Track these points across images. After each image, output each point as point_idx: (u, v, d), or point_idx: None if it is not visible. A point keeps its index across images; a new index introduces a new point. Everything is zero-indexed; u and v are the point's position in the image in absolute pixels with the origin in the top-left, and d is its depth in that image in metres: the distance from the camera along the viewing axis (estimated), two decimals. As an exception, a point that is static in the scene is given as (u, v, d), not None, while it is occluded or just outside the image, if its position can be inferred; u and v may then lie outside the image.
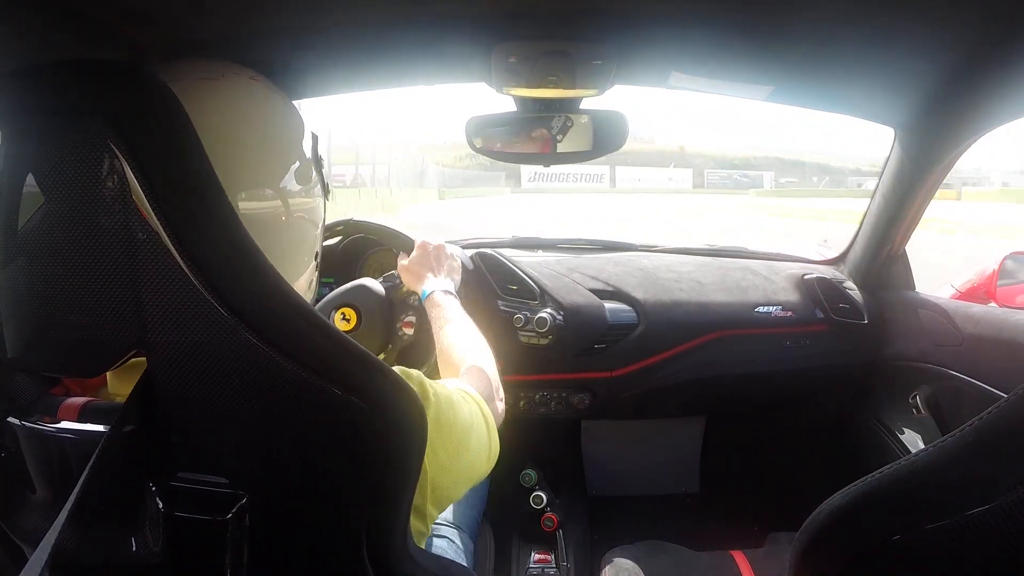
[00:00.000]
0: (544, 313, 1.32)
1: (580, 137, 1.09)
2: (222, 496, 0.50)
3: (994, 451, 0.34)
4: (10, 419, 0.55)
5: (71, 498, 0.47)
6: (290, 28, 0.89)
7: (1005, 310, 1.17)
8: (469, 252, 1.44)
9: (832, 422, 1.59)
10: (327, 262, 1.30)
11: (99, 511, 0.51)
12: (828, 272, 1.50)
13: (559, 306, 1.34)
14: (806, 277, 1.49)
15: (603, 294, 1.40)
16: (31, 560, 0.44)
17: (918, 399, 1.25)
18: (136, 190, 0.45)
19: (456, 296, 0.97)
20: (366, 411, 0.50)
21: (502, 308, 1.38)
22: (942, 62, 0.93)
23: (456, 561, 0.72)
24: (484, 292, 1.40)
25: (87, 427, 0.53)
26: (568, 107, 1.07)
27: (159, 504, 0.50)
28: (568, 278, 1.41)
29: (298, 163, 0.62)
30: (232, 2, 0.80)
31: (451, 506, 1.09)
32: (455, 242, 1.52)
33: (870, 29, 0.87)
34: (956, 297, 2.20)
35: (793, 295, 1.47)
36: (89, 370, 0.52)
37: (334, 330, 0.52)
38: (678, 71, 1.05)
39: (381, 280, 1.14)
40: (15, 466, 0.56)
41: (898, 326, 1.38)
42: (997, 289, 2.00)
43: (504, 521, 1.44)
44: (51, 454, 0.55)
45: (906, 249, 1.41)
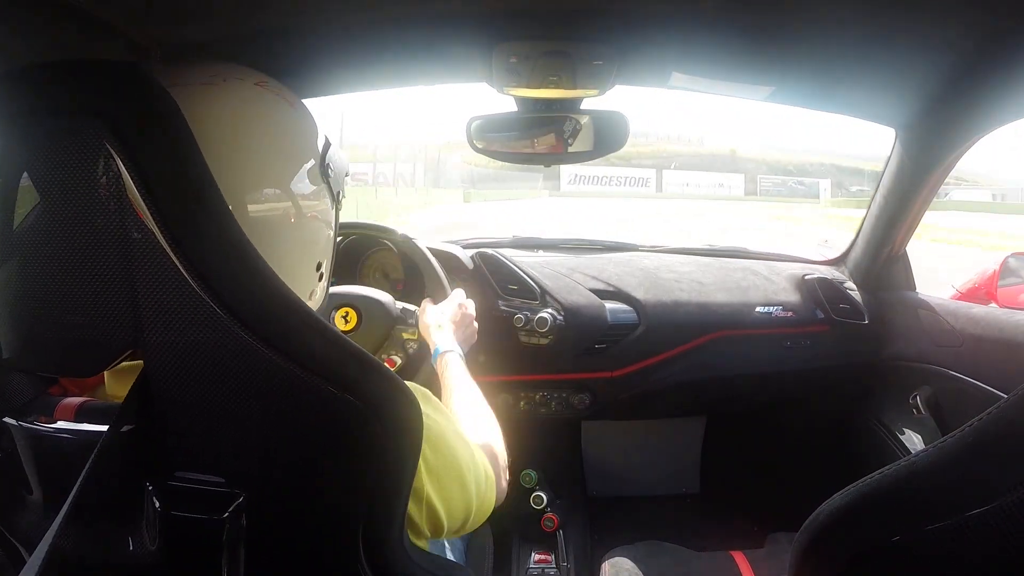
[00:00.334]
0: (545, 313, 1.32)
1: (582, 138, 1.09)
2: (219, 495, 0.50)
3: (994, 452, 0.34)
4: (6, 419, 0.54)
5: (69, 498, 0.47)
6: (292, 28, 0.89)
7: (1006, 311, 1.17)
8: (469, 252, 1.44)
9: (833, 422, 1.59)
10: None
11: (97, 511, 0.51)
12: (829, 272, 1.50)
13: (560, 306, 1.34)
14: (807, 277, 1.49)
15: (604, 294, 1.40)
16: (30, 561, 0.44)
17: (918, 399, 1.25)
18: (132, 191, 0.45)
19: (463, 360, 0.95)
20: (362, 410, 0.50)
21: (503, 308, 1.38)
22: (943, 62, 0.93)
23: (454, 561, 0.72)
24: (485, 292, 1.40)
25: (84, 427, 0.53)
26: (569, 107, 1.07)
27: (156, 504, 0.50)
28: (569, 278, 1.41)
29: (301, 172, 0.61)
30: (234, 2, 0.80)
31: None
32: (456, 242, 1.52)
33: (871, 29, 0.87)
34: (957, 297, 2.20)
35: (794, 295, 1.47)
36: (86, 370, 0.52)
37: (330, 329, 0.51)
38: (679, 71, 1.05)
39: (400, 310, 1.12)
40: (12, 467, 0.56)
41: (899, 326, 1.38)
42: (998, 289, 2.00)
43: (504, 521, 1.44)
44: (48, 454, 0.55)
45: (907, 250, 1.41)
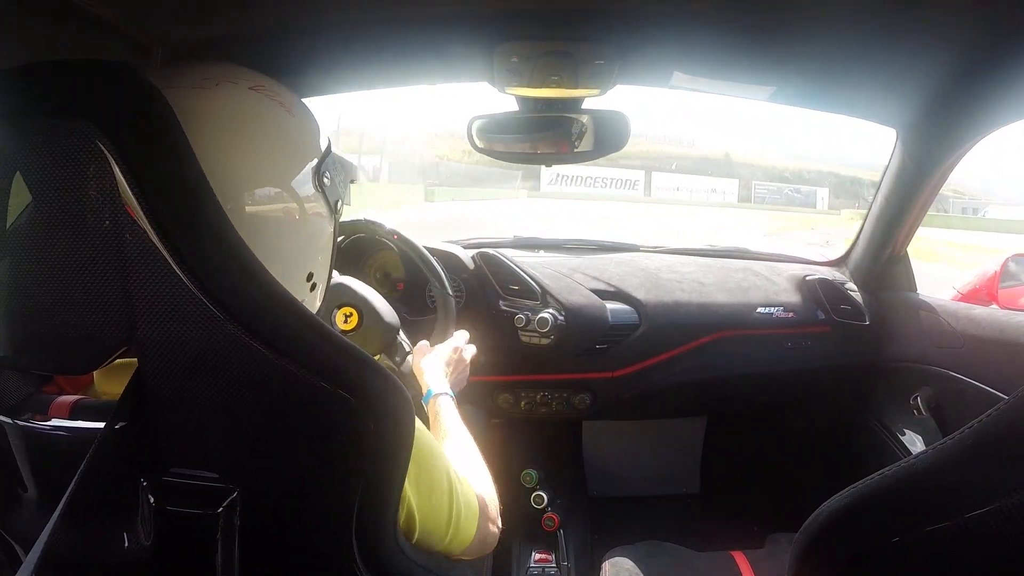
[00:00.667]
0: (546, 313, 1.32)
1: (584, 138, 1.09)
2: (213, 491, 0.51)
3: (994, 454, 0.34)
4: (1, 418, 0.55)
5: (65, 496, 0.47)
6: (293, 27, 0.89)
7: (1007, 312, 1.17)
8: (470, 252, 1.44)
9: (833, 423, 1.59)
10: None
11: (92, 508, 0.52)
12: (830, 273, 1.50)
13: (561, 306, 1.34)
14: (808, 278, 1.48)
15: (605, 294, 1.40)
16: (27, 559, 0.44)
17: (919, 400, 1.25)
18: (125, 191, 0.45)
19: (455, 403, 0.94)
20: (354, 405, 0.50)
21: (503, 308, 1.38)
22: (944, 63, 0.93)
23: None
24: (486, 292, 1.40)
25: (79, 424, 0.53)
26: (570, 107, 1.07)
27: (151, 500, 0.51)
28: (570, 278, 1.41)
29: (293, 178, 0.59)
30: (235, 2, 0.80)
31: None
32: (456, 242, 1.52)
33: (872, 30, 0.87)
34: (957, 299, 2.20)
35: (794, 296, 1.47)
36: (80, 368, 0.52)
37: (323, 325, 0.52)
38: (680, 71, 1.05)
39: (399, 342, 1.07)
40: (7, 465, 0.56)
41: (899, 327, 1.38)
42: (999, 291, 2.00)
43: (504, 521, 1.44)
44: (43, 452, 0.55)
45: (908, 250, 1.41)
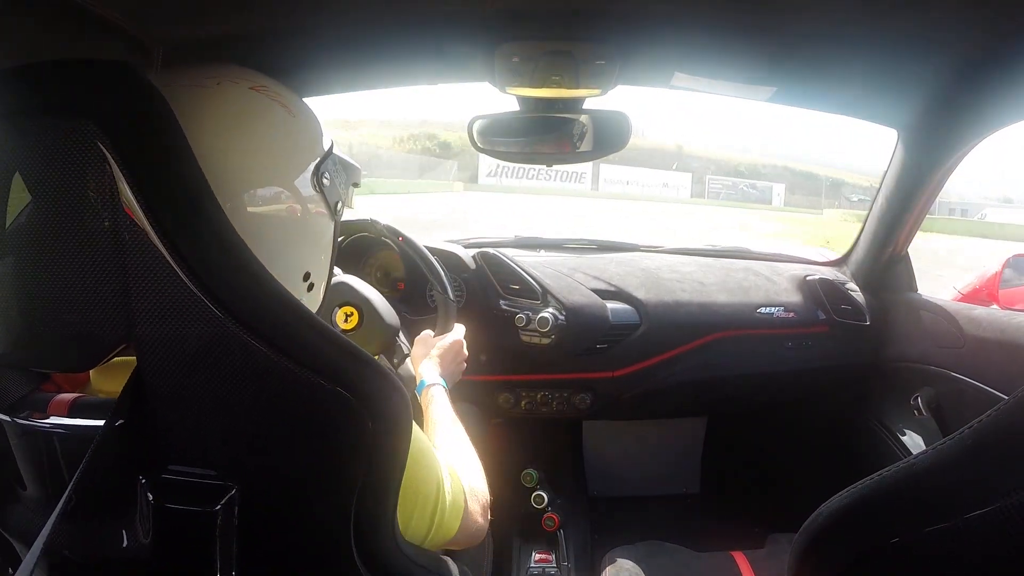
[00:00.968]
0: (546, 313, 1.32)
1: (586, 137, 1.09)
2: (211, 488, 0.51)
3: (993, 454, 0.34)
4: (0, 416, 0.55)
5: (65, 494, 0.47)
6: (294, 27, 0.89)
7: (1008, 312, 1.17)
8: (471, 252, 1.44)
9: (833, 423, 1.59)
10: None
11: (92, 506, 0.52)
12: (830, 273, 1.49)
13: (561, 306, 1.34)
14: (808, 278, 1.48)
15: (605, 294, 1.40)
16: (27, 557, 0.44)
17: (920, 401, 1.25)
18: (124, 191, 0.45)
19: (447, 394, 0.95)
20: (353, 403, 0.50)
21: (504, 308, 1.38)
22: (945, 64, 0.93)
23: (445, 557, 0.72)
24: (486, 292, 1.40)
25: (78, 422, 0.53)
26: (571, 107, 1.07)
27: (150, 497, 0.51)
28: (570, 278, 1.41)
29: (290, 179, 0.59)
30: (237, 2, 0.80)
31: None
32: (457, 241, 1.52)
33: (873, 31, 0.87)
34: (958, 299, 2.20)
35: (795, 296, 1.47)
36: (79, 365, 0.52)
37: (323, 324, 0.52)
38: (681, 72, 1.05)
39: (398, 343, 1.08)
40: (6, 463, 0.56)
41: (900, 328, 1.38)
42: (1000, 291, 2.00)
43: (504, 520, 1.44)
44: (42, 450, 0.55)
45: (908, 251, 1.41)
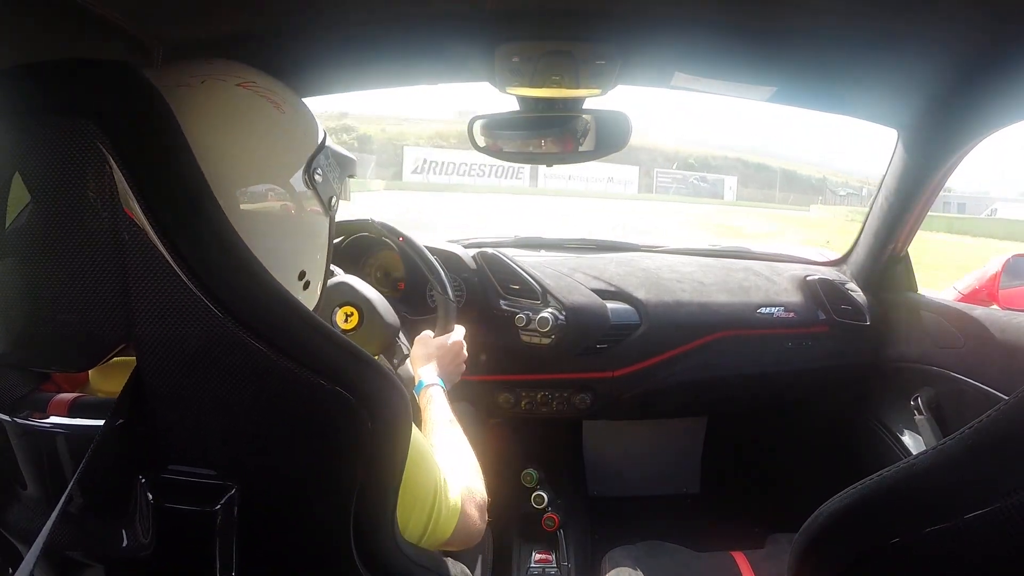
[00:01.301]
0: (546, 313, 1.32)
1: (588, 137, 1.09)
2: (211, 488, 0.51)
3: (993, 454, 0.34)
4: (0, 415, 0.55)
5: (65, 493, 0.47)
6: (294, 27, 0.89)
7: (1008, 312, 1.17)
8: (471, 252, 1.44)
9: (833, 423, 1.59)
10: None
11: (91, 505, 0.52)
12: (830, 273, 1.49)
13: (561, 306, 1.34)
14: (808, 278, 1.48)
15: (605, 294, 1.40)
16: (27, 556, 0.44)
17: (920, 401, 1.24)
18: (124, 190, 0.45)
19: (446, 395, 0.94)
20: (353, 403, 0.50)
21: (504, 308, 1.38)
22: (946, 64, 0.93)
23: (445, 556, 0.72)
24: (486, 292, 1.40)
25: (77, 422, 0.53)
26: (571, 106, 1.07)
27: (149, 497, 0.51)
28: (570, 278, 1.41)
29: (281, 175, 0.58)
30: (236, 1, 0.80)
31: None
32: (457, 241, 1.52)
33: (874, 31, 0.87)
34: (958, 299, 2.20)
35: (795, 296, 1.47)
36: (78, 364, 0.52)
37: (323, 324, 0.52)
38: (681, 71, 1.05)
39: (398, 344, 1.08)
40: (5, 462, 0.56)
41: (900, 328, 1.38)
42: (1000, 291, 1.99)
43: (504, 520, 1.44)
44: (42, 450, 0.55)
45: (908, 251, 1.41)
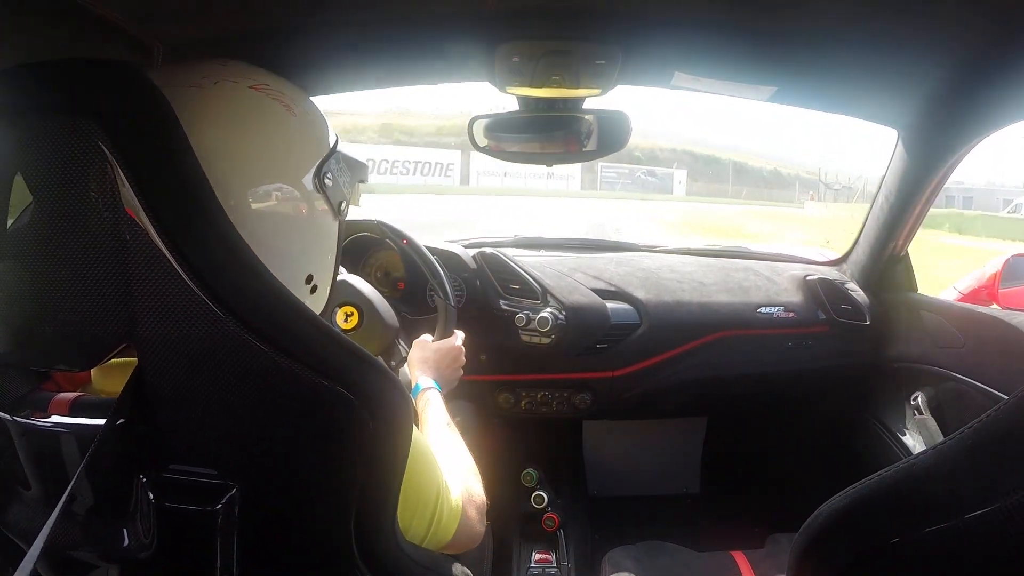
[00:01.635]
0: (546, 313, 1.32)
1: (591, 137, 1.09)
2: (212, 487, 0.51)
3: (993, 454, 0.34)
4: (0, 414, 0.55)
5: (65, 492, 0.47)
6: (294, 27, 0.89)
7: (1008, 312, 1.17)
8: (471, 252, 1.44)
9: (833, 423, 1.59)
10: None
11: (92, 504, 0.52)
12: (830, 273, 1.49)
13: (561, 306, 1.34)
14: (808, 278, 1.48)
15: (605, 294, 1.40)
16: (27, 556, 0.44)
17: (920, 401, 1.25)
18: (126, 190, 0.45)
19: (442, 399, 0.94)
20: (354, 402, 0.50)
21: (504, 307, 1.38)
22: (946, 63, 0.93)
23: (447, 557, 0.72)
24: (486, 292, 1.40)
25: (79, 421, 0.53)
26: (571, 107, 1.07)
27: (150, 496, 0.51)
28: (570, 278, 1.41)
29: (290, 179, 0.58)
30: (236, 1, 0.80)
31: None
32: (457, 241, 1.52)
33: (874, 31, 0.87)
34: (958, 299, 2.19)
35: (795, 296, 1.47)
36: (80, 364, 0.52)
37: (324, 323, 0.52)
38: (681, 71, 1.05)
39: (397, 346, 1.08)
40: (6, 462, 0.56)
41: (900, 328, 1.38)
42: (1000, 292, 1.99)
43: (504, 520, 1.44)
44: (43, 449, 0.55)
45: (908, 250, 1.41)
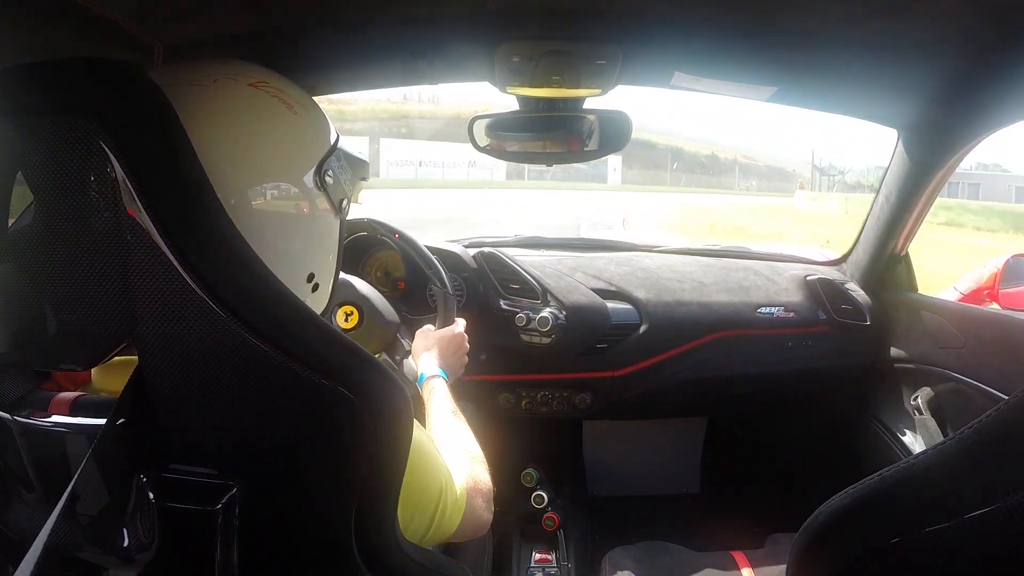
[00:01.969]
0: (546, 312, 1.32)
1: (592, 137, 1.09)
2: (212, 487, 0.51)
3: (993, 454, 0.34)
4: (1, 414, 0.55)
5: (66, 492, 0.47)
6: (295, 27, 0.89)
7: (1008, 312, 1.17)
8: (471, 251, 1.44)
9: (834, 423, 1.59)
10: None
11: (93, 504, 0.52)
12: (831, 273, 1.49)
13: (561, 305, 1.34)
14: (809, 278, 1.48)
15: (605, 294, 1.40)
16: (27, 555, 0.44)
17: (920, 401, 1.24)
18: (126, 190, 0.45)
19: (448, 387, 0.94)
20: (354, 402, 0.50)
21: (504, 307, 1.38)
22: (946, 64, 0.93)
23: (448, 557, 0.72)
24: (486, 291, 1.40)
25: (79, 421, 0.53)
26: (571, 106, 1.07)
27: (151, 496, 0.51)
28: (571, 278, 1.41)
29: (291, 177, 0.59)
30: (236, 1, 0.80)
31: None
32: (457, 241, 1.52)
33: (874, 31, 0.87)
34: (958, 299, 2.20)
35: (796, 296, 1.47)
36: (80, 363, 0.52)
37: (325, 323, 0.52)
38: (681, 71, 1.05)
39: (398, 343, 1.08)
40: (6, 461, 0.56)
41: (900, 328, 1.38)
42: (1000, 292, 1.99)
43: (505, 520, 1.44)
44: (43, 449, 0.55)
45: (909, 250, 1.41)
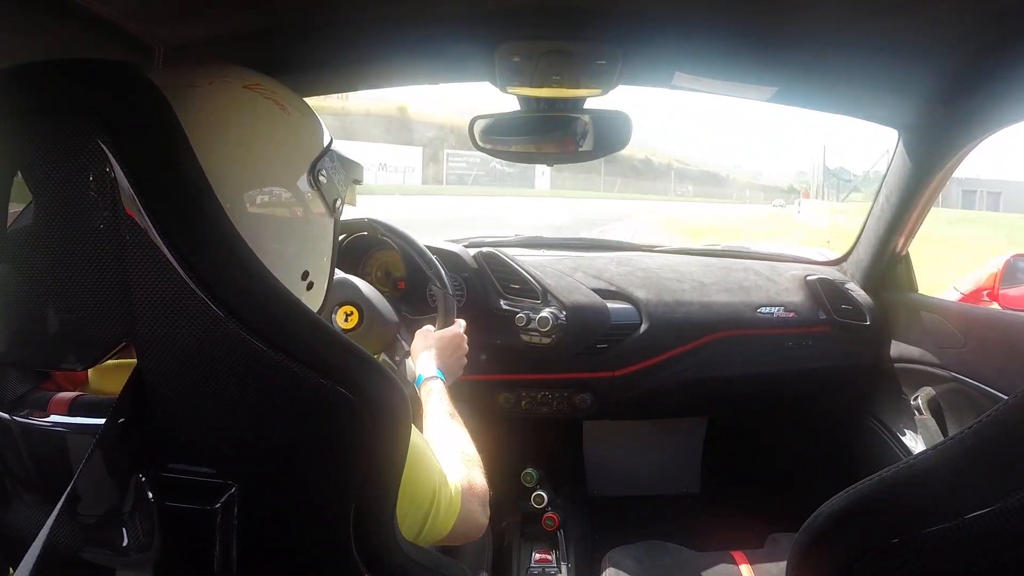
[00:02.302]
0: (546, 312, 1.32)
1: (588, 137, 1.09)
2: (211, 487, 0.51)
3: (994, 454, 0.34)
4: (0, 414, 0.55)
5: (65, 492, 0.47)
6: (294, 27, 0.89)
7: (1008, 312, 1.17)
8: (471, 251, 1.44)
9: (834, 423, 1.59)
10: None
11: (92, 504, 0.52)
12: (831, 273, 1.49)
13: (562, 305, 1.34)
14: (809, 278, 1.48)
15: (606, 294, 1.40)
16: (27, 555, 0.44)
17: (920, 401, 1.24)
18: (125, 190, 0.45)
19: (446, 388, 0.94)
20: (352, 401, 0.51)
21: (504, 307, 1.38)
22: (946, 64, 0.93)
23: (447, 557, 0.72)
24: (487, 291, 1.40)
25: (78, 421, 0.53)
26: (571, 107, 1.07)
27: (150, 495, 0.51)
28: (571, 278, 1.41)
29: (285, 177, 0.59)
30: (236, 1, 0.81)
31: None
32: (458, 241, 1.52)
33: (874, 31, 0.87)
34: (958, 299, 2.20)
35: (796, 296, 1.47)
36: (80, 363, 0.53)
37: (324, 323, 0.52)
38: (682, 72, 1.05)
39: (398, 344, 1.08)
40: (5, 461, 0.56)
41: (901, 328, 1.38)
42: (1000, 292, 1.99)
43: (505, 520, 1.44)
44: (42, 448, 0.55)
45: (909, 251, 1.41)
